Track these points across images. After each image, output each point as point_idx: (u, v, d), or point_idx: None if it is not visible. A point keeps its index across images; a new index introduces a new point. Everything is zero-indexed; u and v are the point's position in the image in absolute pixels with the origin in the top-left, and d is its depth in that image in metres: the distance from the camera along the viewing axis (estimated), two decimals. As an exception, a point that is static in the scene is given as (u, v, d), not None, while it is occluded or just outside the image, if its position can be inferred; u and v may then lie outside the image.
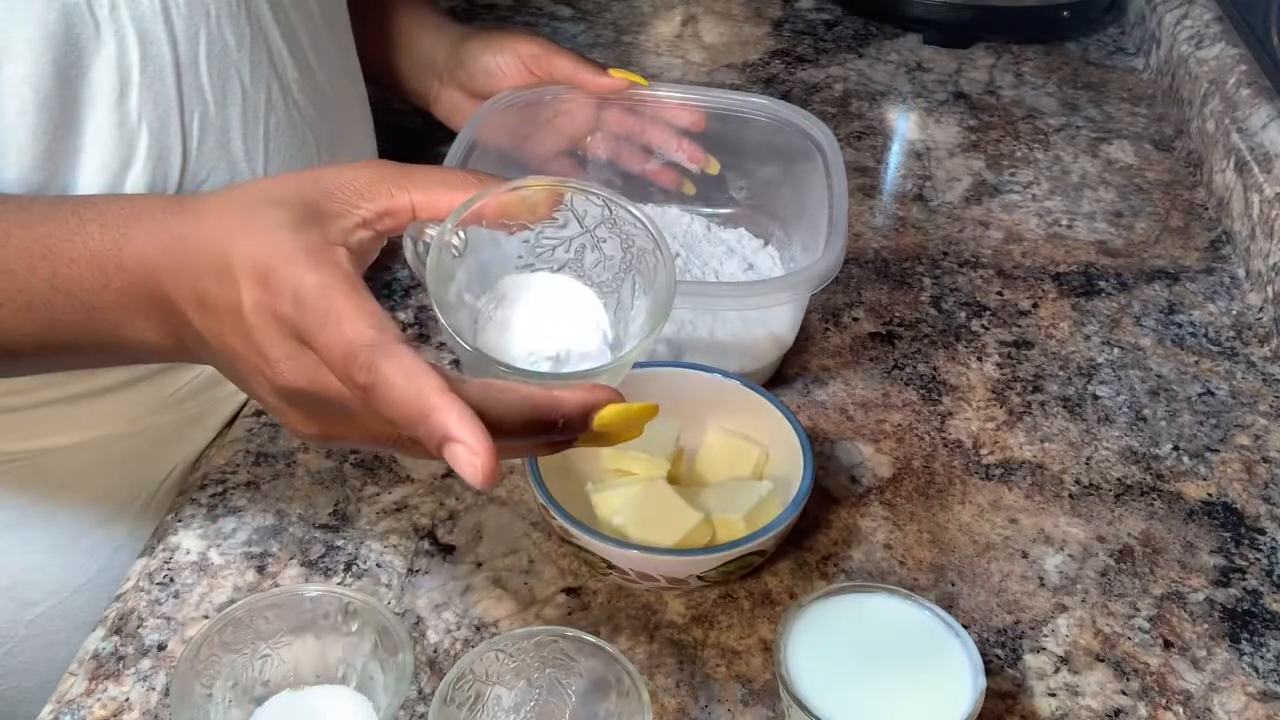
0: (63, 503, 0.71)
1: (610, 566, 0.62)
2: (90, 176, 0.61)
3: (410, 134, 0.95)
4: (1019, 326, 0.85)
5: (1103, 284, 0.90)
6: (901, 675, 0.56)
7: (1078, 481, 0.74)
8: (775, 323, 0.75)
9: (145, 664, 0.61)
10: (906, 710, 0.54)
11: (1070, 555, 0.69)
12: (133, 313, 0.53)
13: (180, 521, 0.68)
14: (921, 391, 0.79)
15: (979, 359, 0.82)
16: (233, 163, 0.66)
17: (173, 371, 0.71)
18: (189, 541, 0.67)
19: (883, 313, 0.85)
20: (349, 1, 0.79)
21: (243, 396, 0.75)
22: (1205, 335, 0.86)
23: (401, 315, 0.82)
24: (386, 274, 0.85)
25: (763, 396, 0.69)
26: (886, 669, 0.56)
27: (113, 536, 0.73)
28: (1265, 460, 0.76)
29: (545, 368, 0.51)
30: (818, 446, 0.74)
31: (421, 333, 0.81)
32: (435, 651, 0.62)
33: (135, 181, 0.62)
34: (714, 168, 0.86)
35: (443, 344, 0.80)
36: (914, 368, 0.81)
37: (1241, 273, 0.91)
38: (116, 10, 0.59)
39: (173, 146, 0.63)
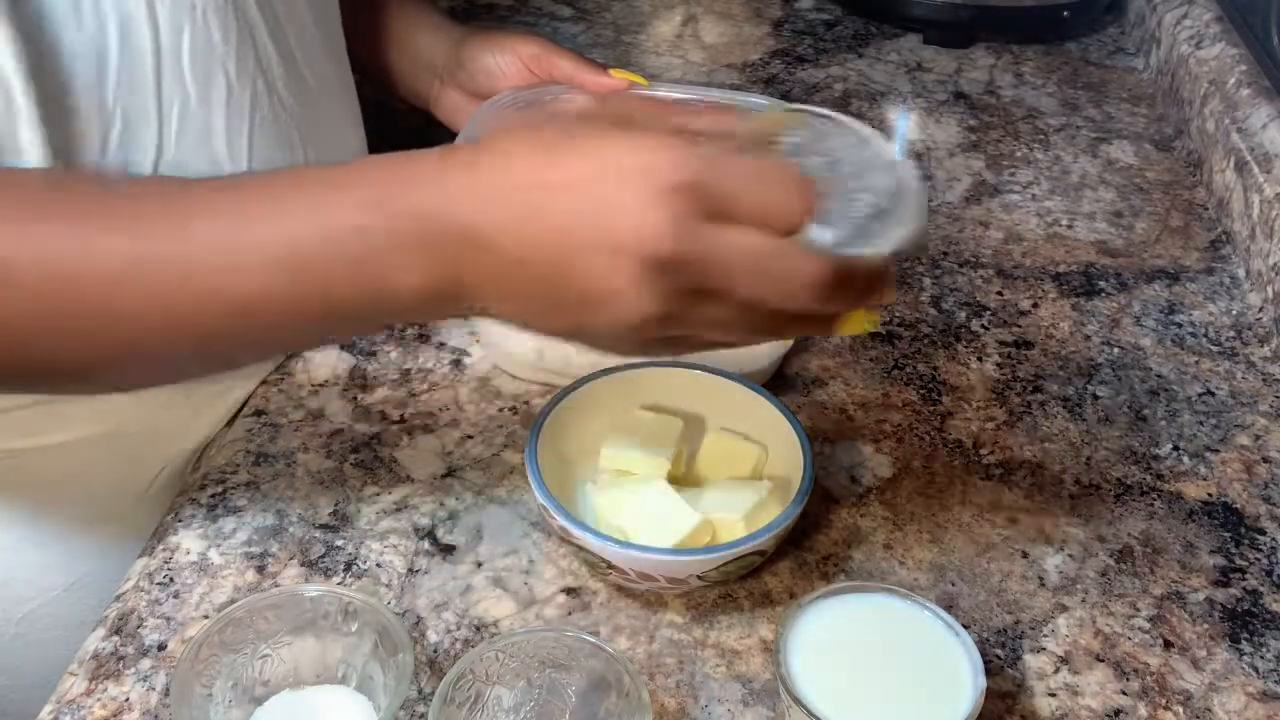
0: (52, 502, 0.71)
1: (610, 566, 0.62)
2: (74, 154, 0.61)
3: (410, 133, 0.95)
4: (1019, 326, 0.85)
5: (1103, 284, 0.90)
6: (902, 675, 0.56)
7: (1078, 481, 0.74)
8: (775, 323, 0.75)
9: (145, 664, 0.61)
10: (906, 710, 0.54)
11: (1070, 555, 0.69)
12: (402, 253, 0.50)
13: (180, 521, 0.68)
14: (921, 391, 0.79)
15: (979, 359, 0.82)
16: (214, 156, 0.66)
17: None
18: (189, 541, 0.67)
19: (883, 313, 0.85)
20: (348, 2, 0.79)
21: (235, 396, 0.75)
22: (1205, 335, 0.86)
23: (401, 315, 0.82)
24: (386, 274, 0.85)
25: (763, 396, 0.69)
26: (887, 669, 0.56)
27: (103, 536, 0.73)
28: (1265, 460, 0.76)
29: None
30: (818, 446, 0.74)
31: (421, 333, 0.81)
32: (435, 651, 0.62)
33: (112, 164, 0.62)
34: (714, 167, 0.86)
35: (443, 343, 0.80)
36: (914, 368, 0.81)
37: (1241, 273, 0.91)
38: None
39: (147, 133, 0.63)
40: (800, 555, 0.68)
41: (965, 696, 0.54)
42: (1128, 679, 0.63)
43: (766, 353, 0.76)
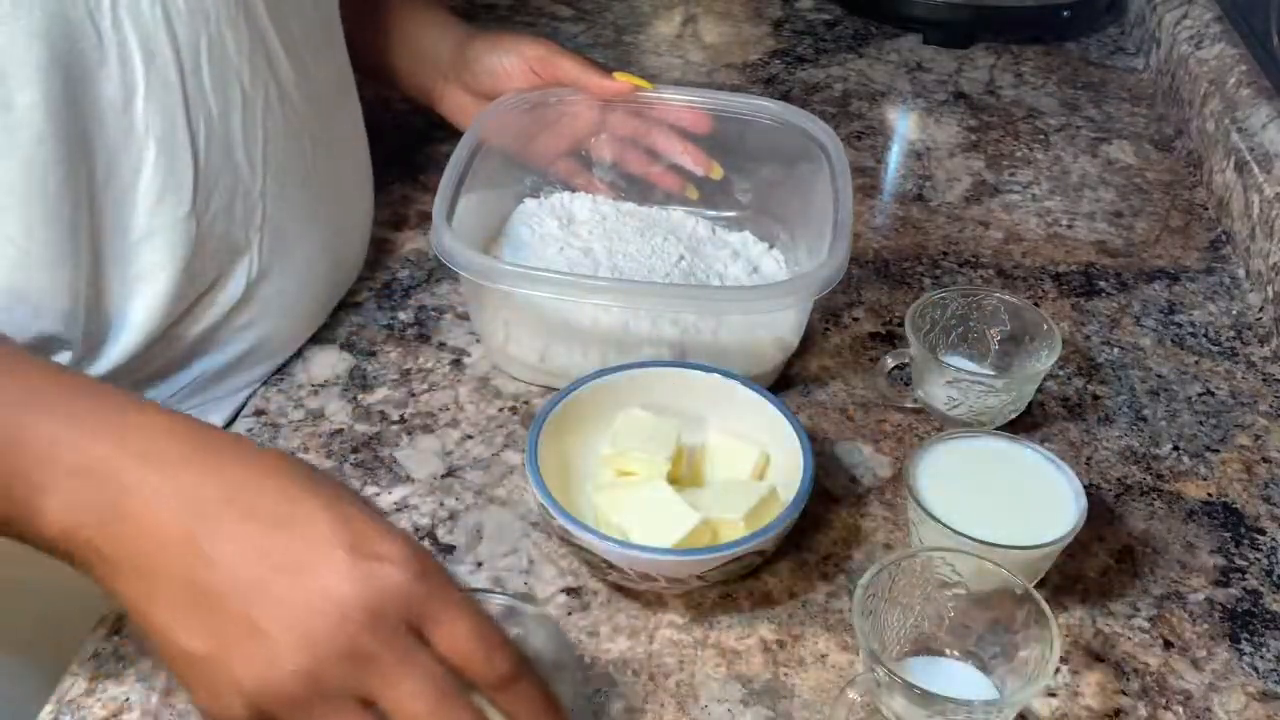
0: None
1: (610, 566, 0.62)
2: (103, 188, 0.61)
3: (410, 133, 0.95)
4: (1019, 326, 0.85)
5: (1103, 284, 0.90)
6: (1014, 497, 0.65)
7: (1078, 481, 0.74)
8: (779, 327, 0.75)
9: (145, 664, 0.61)
10: (1019, 523, 0.63)
11: (1070, 556, 0.69)
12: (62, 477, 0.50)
13: (181, 521, 0.68)
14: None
15: (979, 359, 0.82)
16: (235, 168, 0.66)
17: (172, 375, 0.70)
18: (189, 541, 0.67)
19: (883, 313, 0.85)
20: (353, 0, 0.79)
21: (238, 399, 0.75)
22: (1205, 335, 0.86)
23: (402, 315, 0.82)
24: (386, 274, 0.85)
25: (763, 396, 0.69)
26: (1001, 492, 0.65)
27: None
28: (1265, 460, 0.76)
29: None
30: (818, 446, 0.74)
31: (422, 333, 0.81)
32: (435, 651, 0.62)
33: (146, 190, 0.62)
34: (717, 173, 0.86)
35: (443, 343, 0.80)
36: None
37: (1241, 273, 0.91)
38: (119, 20, 0.59)
39: (181, 155, 0.63)
40: (800, 555, 0.68)
41: (1070, 514, 0.63)
42: (1128, 679, 0.63)
43: (771, 356, 0.76)
